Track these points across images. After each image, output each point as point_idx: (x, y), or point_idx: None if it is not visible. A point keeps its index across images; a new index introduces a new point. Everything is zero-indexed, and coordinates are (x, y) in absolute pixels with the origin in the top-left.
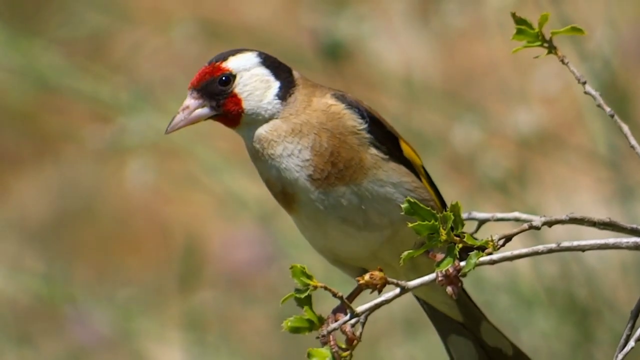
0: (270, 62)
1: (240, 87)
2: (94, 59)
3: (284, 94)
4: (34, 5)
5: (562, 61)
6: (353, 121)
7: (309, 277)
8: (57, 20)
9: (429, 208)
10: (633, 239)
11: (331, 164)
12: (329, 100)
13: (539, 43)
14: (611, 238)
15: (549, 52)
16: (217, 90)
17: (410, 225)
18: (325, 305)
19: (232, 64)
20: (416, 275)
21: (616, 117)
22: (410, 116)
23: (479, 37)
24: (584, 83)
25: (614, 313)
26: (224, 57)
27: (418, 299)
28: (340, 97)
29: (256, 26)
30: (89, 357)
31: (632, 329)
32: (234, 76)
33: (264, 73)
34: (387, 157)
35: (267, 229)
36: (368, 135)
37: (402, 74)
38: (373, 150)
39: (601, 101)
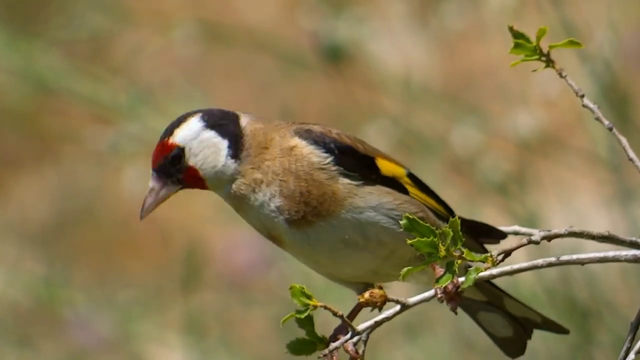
0: (214, 121)
1: (192, 159)
2: (94, 60)
3: (235, 150)
4: (34, 7)
5: (560, 74)
6: (317, 157)
7: (309, 296)
8: (57, 21)
9: (428, 224)
10: (632, 252)
11: (304, 204)
12: (290, 142)
13: (536, 57)
14: (610, 251)
15: (547, 66)
16: (172, 170)
17: (409, 241)
18: (325, 316)
19: (178, 137)
20: (428, 276)
21: (615, 130)
22: (410, 118)
23: (479, 39)
24: (582, 96)
25: (614, 315)
26: (170, 132)
27: None
28: (303, 134)
29: (256, 28)
30: None
31: (632, 341)
32: (183, 149)
33: (210, 136)
34: (361, 182)
35: None
36: (335, 168)
37: (402, 76)
38: (344, 180)
39: (599, 114)
